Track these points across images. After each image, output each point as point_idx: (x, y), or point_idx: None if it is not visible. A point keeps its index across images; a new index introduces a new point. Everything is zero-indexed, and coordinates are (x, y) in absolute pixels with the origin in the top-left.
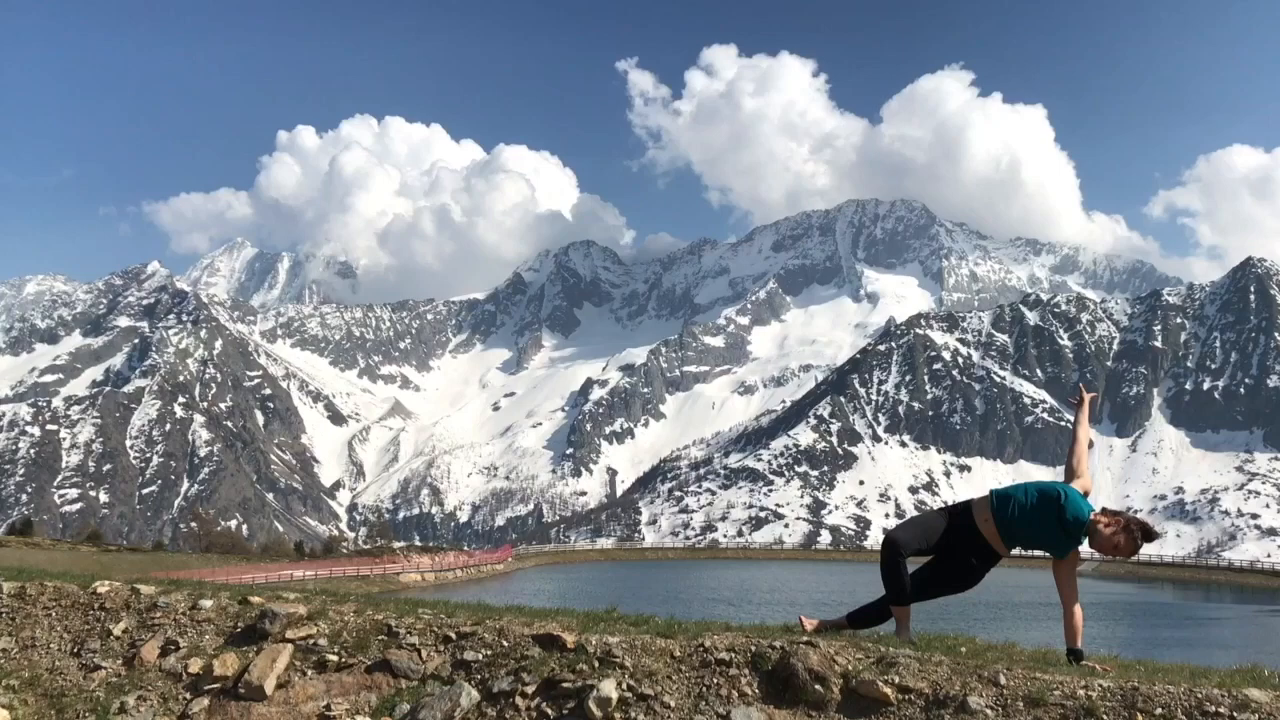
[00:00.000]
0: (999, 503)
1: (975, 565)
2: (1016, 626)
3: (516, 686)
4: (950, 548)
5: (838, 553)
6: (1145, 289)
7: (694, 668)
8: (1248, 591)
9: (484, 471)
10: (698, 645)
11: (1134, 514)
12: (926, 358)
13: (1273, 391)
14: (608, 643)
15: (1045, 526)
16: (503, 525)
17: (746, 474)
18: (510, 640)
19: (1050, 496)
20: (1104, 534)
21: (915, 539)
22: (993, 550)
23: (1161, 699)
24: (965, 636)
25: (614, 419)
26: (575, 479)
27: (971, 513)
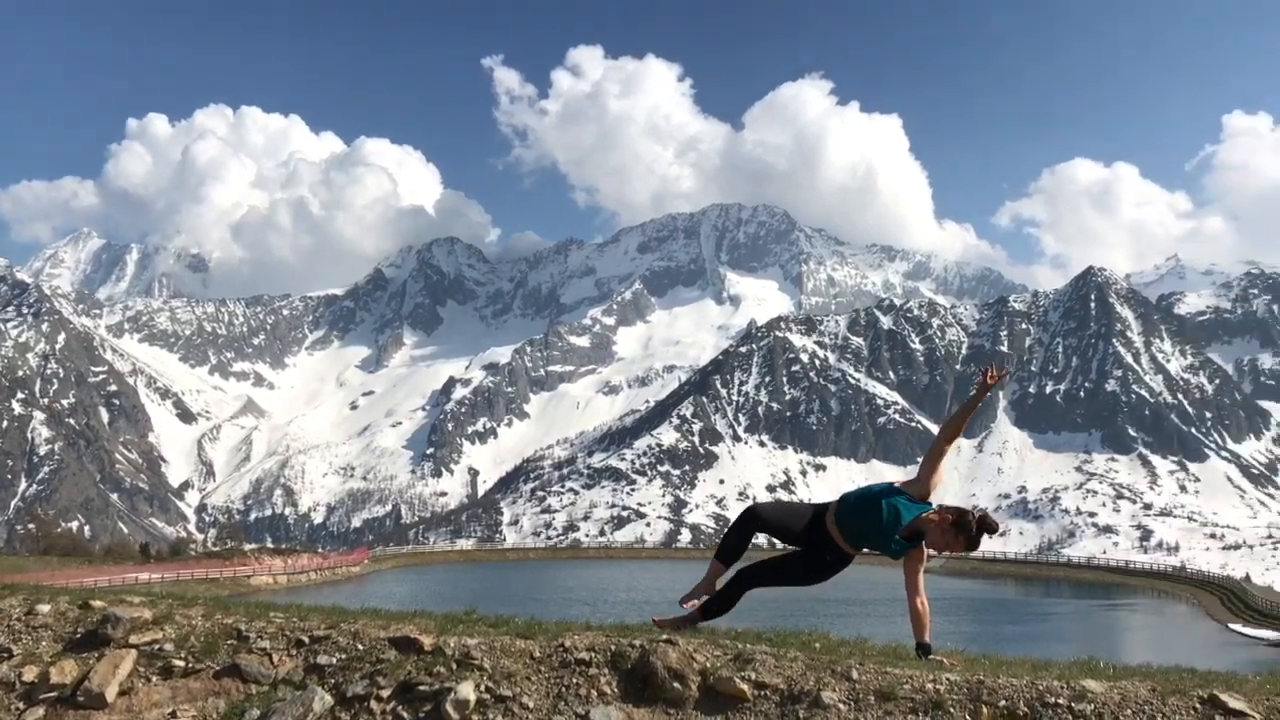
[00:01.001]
0: (841, 505)
1: (828, 563)
2: (868, 622)
3: (371, 690)
4: (809, 543)
5: (698, 551)
6: (993, 296)
7: (553, 668)
8: (1084, 587)
9: (340, 472)
10: (557, 645)
11: (981, 510)
12: (785, 359)
13: (1110, 395)
14: (466, 644)
15: (875, 528)
16: (359, 527)
17: (610, 473)
18: (366, 643)
19: (874, 500)
20: (936, 531)
21: (775, 516)
22: (844, 550)
23: (1005, 691)
24: (819, 633)
25: (476, 418)
26: (435, 479)
27: (825, 514)
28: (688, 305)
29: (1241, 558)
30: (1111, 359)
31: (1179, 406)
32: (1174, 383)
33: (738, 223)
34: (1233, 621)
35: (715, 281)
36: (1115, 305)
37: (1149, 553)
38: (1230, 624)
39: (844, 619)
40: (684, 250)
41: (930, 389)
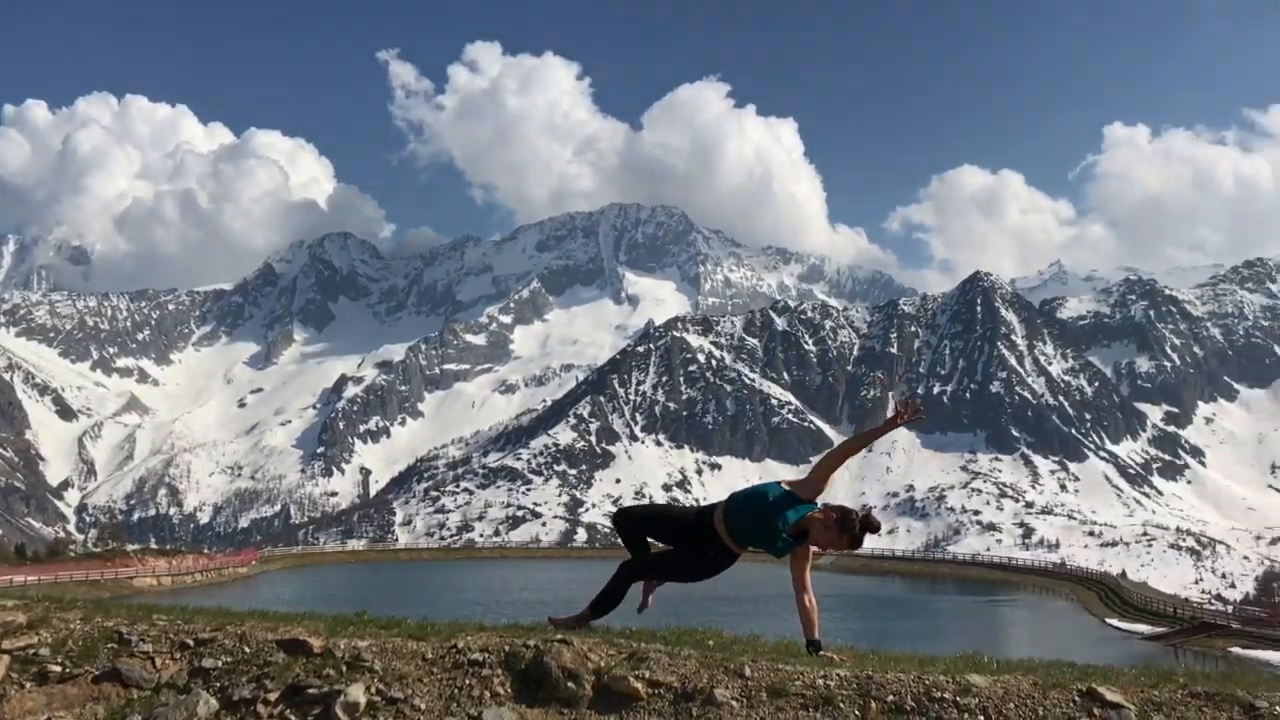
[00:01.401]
0: (730, 503)
1: (712, 558)
2: (760, 620)
3: (259, 694)
4: (694, 540)
5: (593, 550)
6: (884, 299)
7: (446, 669)
8: (969, 583)
9: (227, 471)
10: (450, 647)
11: (866, 509)
12: (683, 360)
13: (994, 397)
14: (357, 646)
15: (763, 525)
16: (247, 527)
17: (505, 473)
18: (253, 646)
19: (760, 498)
20: (821, 530)
21: (648, 513)
22: (729, 549)
23: (893, 686)
24: (713, 630)
25: (369, 417)
26: (326, 479)
27: (714, 512)
28: (586, 304)
29: (1118, 555)
30: (996, 362)
31: (1060, 408)
32: (1055, 385)
33: (636, 223)
34: (1109, 616)
35: (614, 281)
36: (1000, 309)
37: (1030, 550)
38: (1107, 619)
39: (737, 617)
40: (582, 249)
41: (823, 389)
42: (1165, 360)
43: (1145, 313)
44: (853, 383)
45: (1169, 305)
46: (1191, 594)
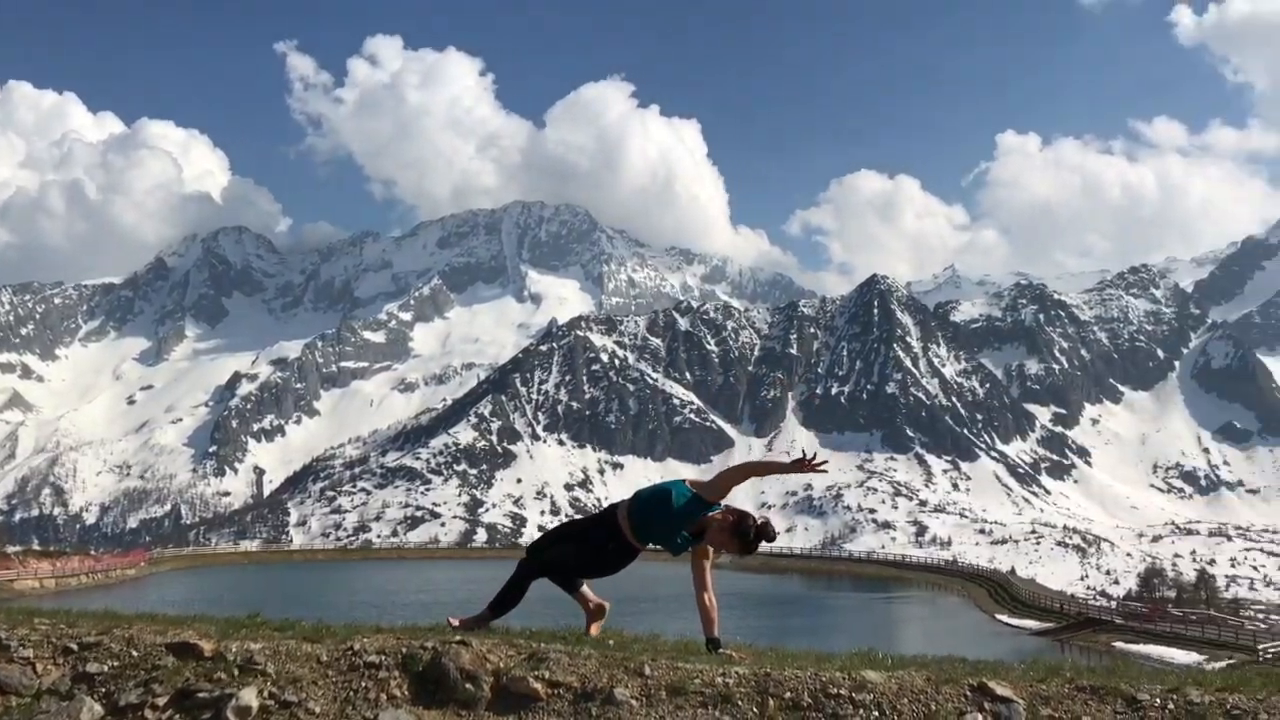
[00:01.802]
0: (635, 499)
1: (611, 551)
2: (660, 619)
3: (146, 699)
4: (596, 537)
5: (493, 551)
6: (784, 300)
7: (342, 672)
8: (865, 580)
9: (116, 470)
10: (346, 649)
11: (764, 519)
12: (586, 359)
13: (890, 397)
14: (249, 649)
15: (665, 523)
16: (136, 528)
17: (404, 473)
18: (141, 650)
19: (664, 496)
20: (716, 530)
21: (553, 538)
22: (629, 544)
23: (791, 683)
24: (613, 630)
25: (263, 415)
26: (218, 478)
27: (617, 510)
28: (488, 303)
29: (1007, 552)
30: (892, 363)
31: (953, 409)
32: (949, 386)
33: (540, 221)
34: (999, 613)
35: (516, 279)
36: (896, 312)
37: (924, 547)
38: (997, 615)
39: (636, 616)
40: (485, 247)
41: (724, 389)
42: (1054, 363)
43: (1035, 316)
44: (754, 383)
45: (1058, 309)
46: (1077, 590)
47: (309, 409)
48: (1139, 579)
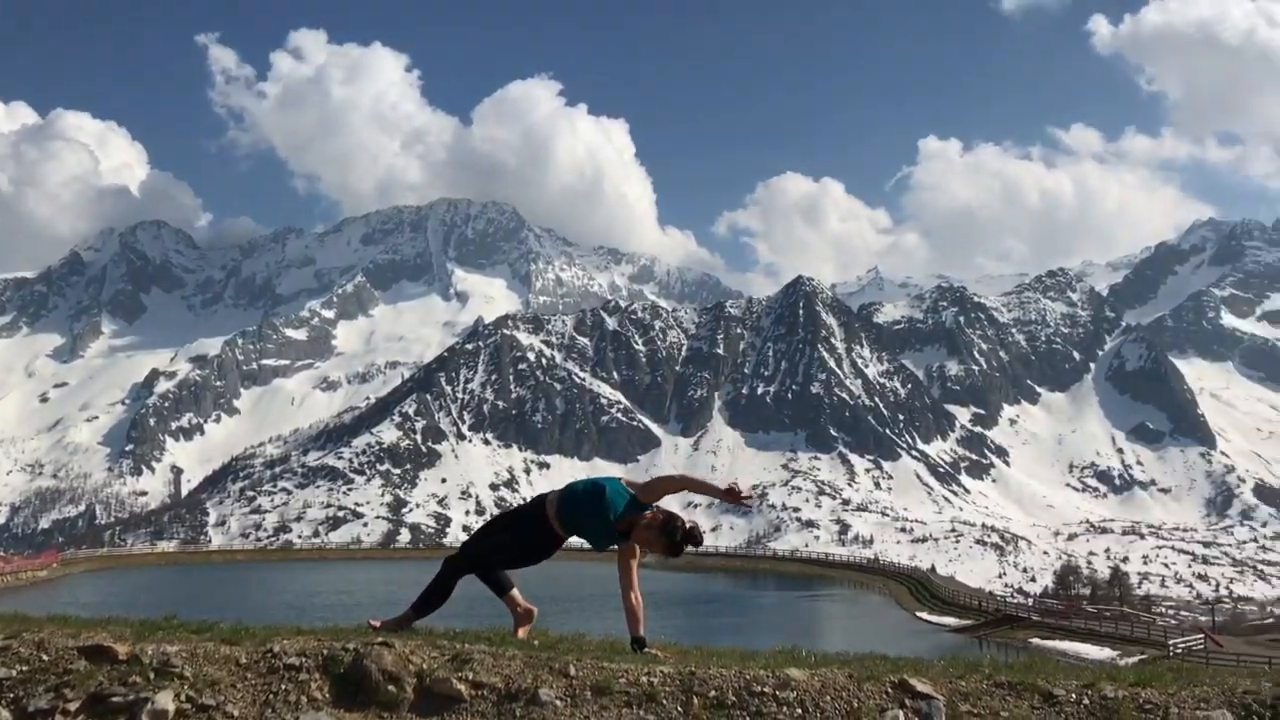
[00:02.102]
0: (568, 491)
1: (536, 538)
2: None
3: (57, 704)
4: (519, 526)
5: (417, 551)
6: (711, 301)
7: (261, 674)
8: (789, 578)
9: (27, 469)
10: (265, 651)
11: (693, 523)
12: (512, 358)
13: (814, 398)
14: (165, 652)
15: (596, 516)
16: (48, 528)
17: (326, 472)
18: (52, 654)
19: (598, 491)
20: (644, 529)
21: (479, 540)
22: (554, 532)
23: (715, 682)
24: (539, 630)
25: (182, 414)
26: (135, 478)
27: (545, 500)
28: (413, 300)
29: (928, 550)
30: (816, 364)
31: (875, 409)
32: (871, 387)
33: (466, 219)
34: (920, 610)
35: (442, 277)
36: (821, 313)
37: (847, 545)
38: (918, 612)
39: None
40: (410, 244)
41: (652, 389)
42: (973, 364)
43: (955, 319)
44: (681, 383)
45: (977, 312)
46: (995, 587)
47: (229, 407)
48: (1055, 576)
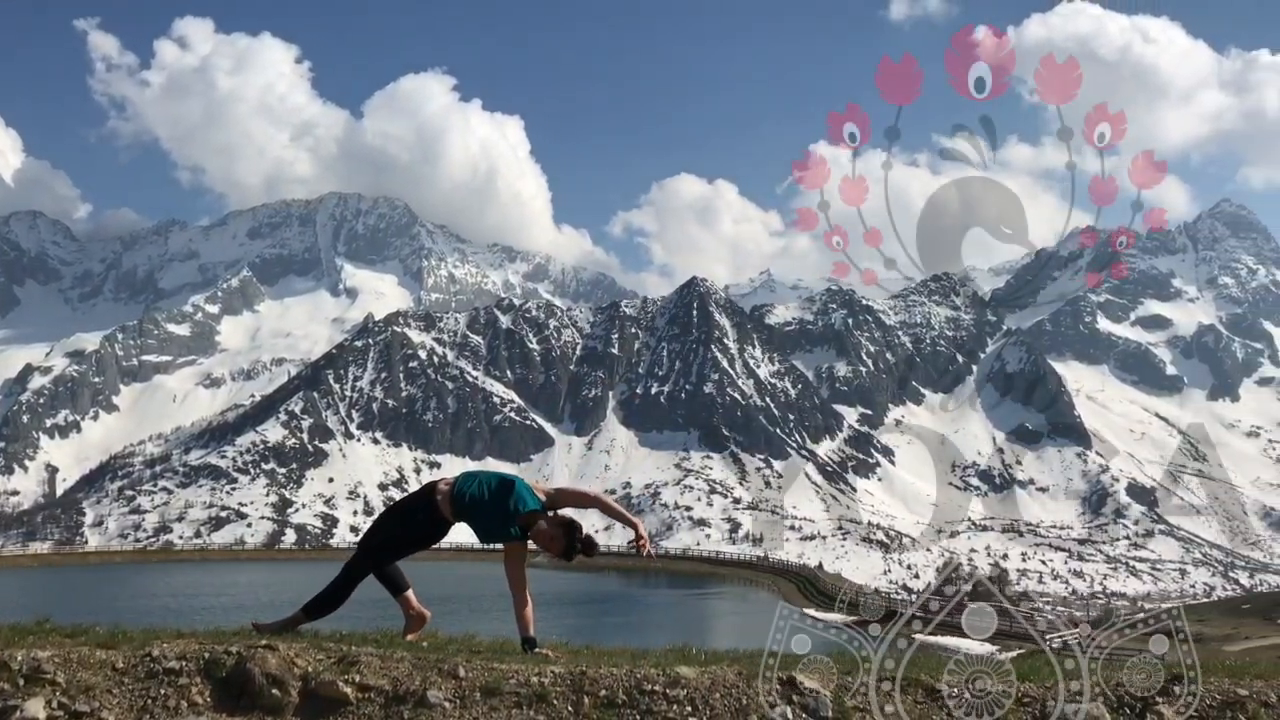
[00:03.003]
0: (469, 478)
1: (420, 522)
2: (475, 619)
3: None
4: (406, 512)
5: (303, 552)
6: (606, 300)
7: (139, 679)
8: (681, 577)
9: None
10: (144, 655)
11: (591, 534)
12: (403, 355)
13: (707, 397)
14: (37, 657)
15: (494, 510)
16: None
17: (209, 471)
18: None
19: (507, 485)
20: (541, 530)
21: (375, 541)
22: (444, 520)
23: (606, 681)
24: (428, 632)
25: (57, 410)
26: (6, 477)
27: (434, 488)
28: (301, 296)
29: (816, 548)
30: (710, 364)
31: (766, 409)
32: (763, 387)
33: (357, 213)
34: (807, 606)
35: (331, 273)
36: (715, 314)
37: (737, 544)
38: (805, 609)
39: (452, 616)
40: (298, 238)
41: (545, 388)
42: (861, 365)
43: (844, 321)
44: (575, 382)
45: (865, 314)
46: (881, 584)
47: (107, 404)
48: (937, 573)
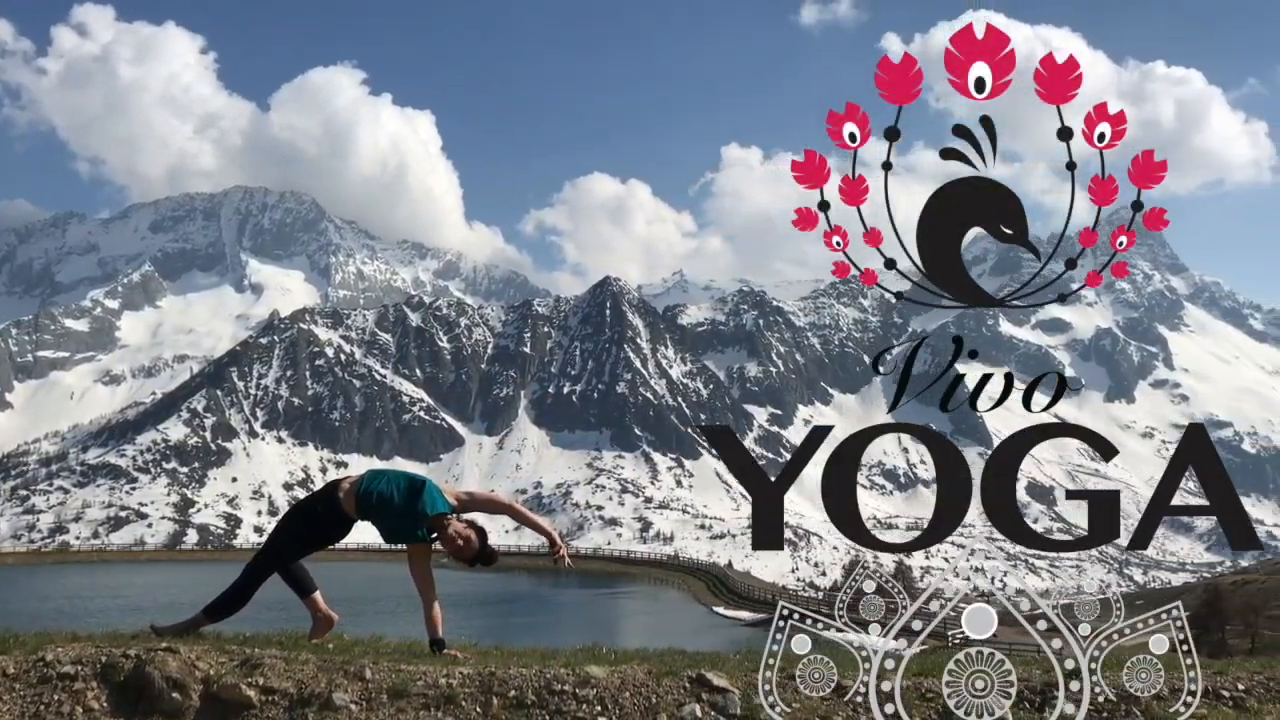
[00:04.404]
0: (370, 476)
1: (331, 530)
2: (381, 620)
3: None
4: (306, 511)
5: (205, 553)
6: (519, 299)
7: (31, 685)
8: (591, 576)
9: None
10: (37, 660)
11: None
12: (310, 353)
13: (620, 397)
14: None
15: (403, 511)
16: None
17: (107, 470)
18: None
19: (417, 485)
20: (450, 534)
21: (280, 540)
22: (347, 517)
23: (515, 681)
24: (334, 634)
25: None
26: None
27: (338, 486)
28: (204, 291)
29: (725, 546)
30: (622, 364)
31: (678, 409)
32: (675, 387)
33: (263, 208)
34: (716, 605)
35: (236, 268)
36: (628, 314)
37: (648, 543)
38: (715, 607)
39: (359, 618)
40: (202, 233)
41: (456, 387)
42: (771, 366)
43: (755, 322)
44: (486, 381)
45: (776, 315)
46: (789, 582)
47: (0, 401)
48: (843, 570)
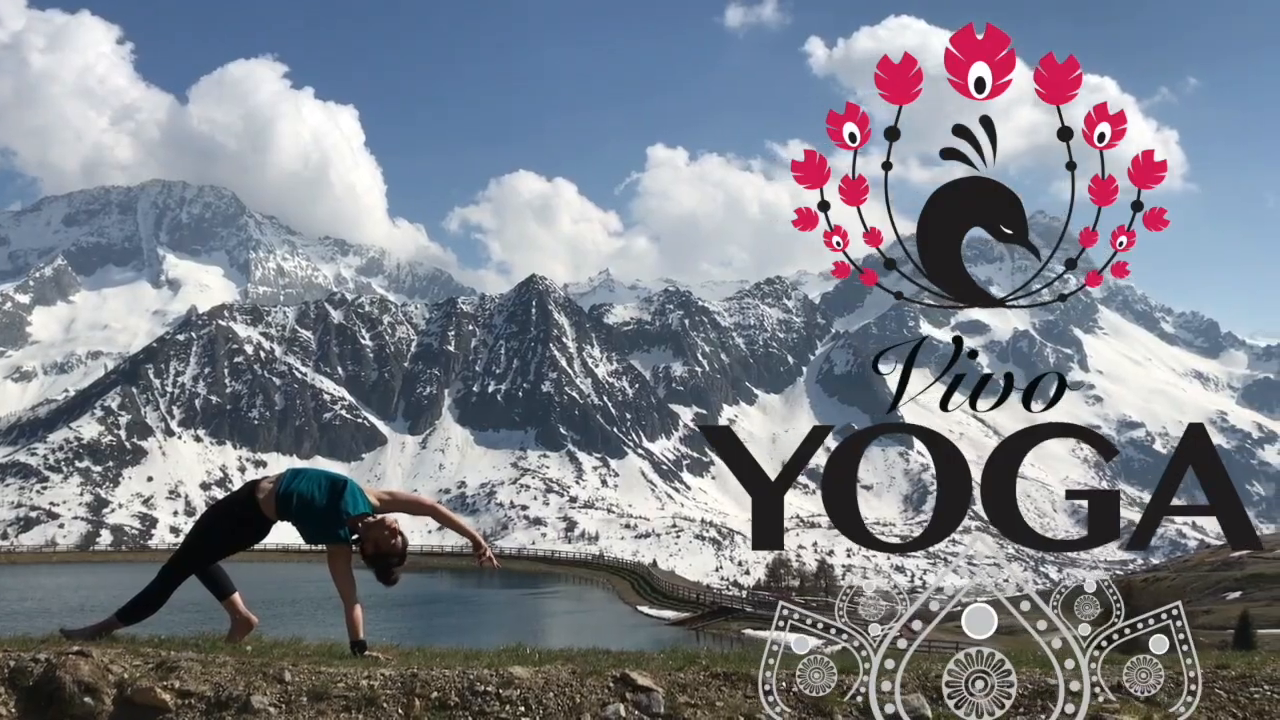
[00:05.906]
0: (290, 476)
1: (250, 531)
2: (301, 622)
3: None
4: (222, 512)
5: (120, 553)
6: (443, 296)
7: None
8: (516, 576)
9: None
10: None
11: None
12: (228, 350)
13: (545, 396)
14: None
15: (325, 511)
16: None
17: (16, 470)
18: None
19: (339, 485)
20: (370, 539)
21: (195, 544)
22: (265, 518)
23: (438, 682)
24: (252, 635)
25: None
26: None
27: (256, 486)
28: (119, 287)
29: (650, 545)
30: (548, 362)
31: (604, 408)
32: (601, 386)
33: (181, 202)
34: (641, 604)
35: (153, 263)
36: (554, 312)
37: (573, 542)
38: (639, 606)
39: (278, 620)
40: (118, 227)
41: (378, 385)
42: (697, 365)
43: (681, 321)
44: (409, 379)
45: (701, 315)
46: (713, 580)
47: None
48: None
